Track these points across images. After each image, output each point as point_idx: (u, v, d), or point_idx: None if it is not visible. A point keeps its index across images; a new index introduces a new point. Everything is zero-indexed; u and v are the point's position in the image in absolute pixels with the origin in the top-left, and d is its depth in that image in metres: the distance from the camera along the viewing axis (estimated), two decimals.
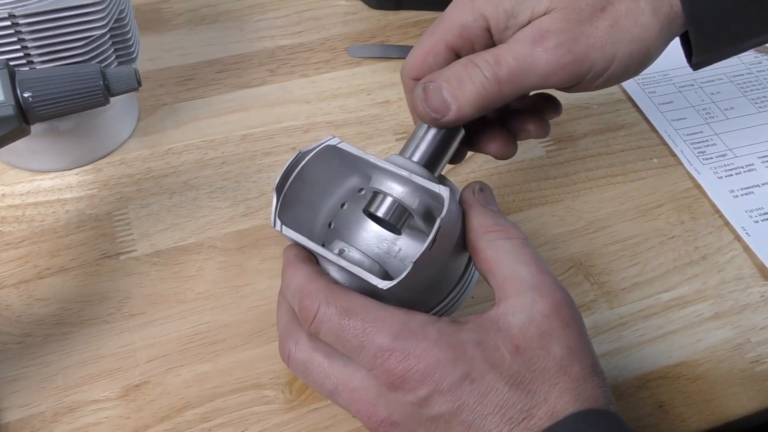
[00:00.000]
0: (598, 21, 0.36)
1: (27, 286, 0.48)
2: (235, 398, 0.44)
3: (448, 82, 0.37)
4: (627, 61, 0.37)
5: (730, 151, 0.60)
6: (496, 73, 0.36)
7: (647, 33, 0.37)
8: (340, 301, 0.34)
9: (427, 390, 0.32)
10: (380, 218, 0.38)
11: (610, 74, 0.38)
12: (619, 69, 0.37)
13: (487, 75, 0.36)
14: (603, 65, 0.37)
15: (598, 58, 0.37)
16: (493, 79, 0.36)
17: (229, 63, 0.65)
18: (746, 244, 0.53)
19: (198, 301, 0.48)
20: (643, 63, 0.38)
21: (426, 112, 0.38)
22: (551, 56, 0.36)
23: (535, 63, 0.36)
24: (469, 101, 0.37)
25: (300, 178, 0.39)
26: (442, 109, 0.37)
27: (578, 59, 0.36)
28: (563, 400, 0.32)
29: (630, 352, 0.47)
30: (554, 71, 0.36)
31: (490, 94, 0.37)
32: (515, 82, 0.37)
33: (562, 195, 0.56)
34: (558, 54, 0.36)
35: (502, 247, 0.36)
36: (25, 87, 0.37)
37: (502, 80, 0.36)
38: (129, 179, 0.55)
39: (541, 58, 0.36)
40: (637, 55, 0.37)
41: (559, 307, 0.34)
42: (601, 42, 0.36)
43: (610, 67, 0.37)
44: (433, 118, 0.38)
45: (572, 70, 0.37)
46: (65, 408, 0.43)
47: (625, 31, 0.37)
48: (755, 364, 0.47)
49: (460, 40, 0.40)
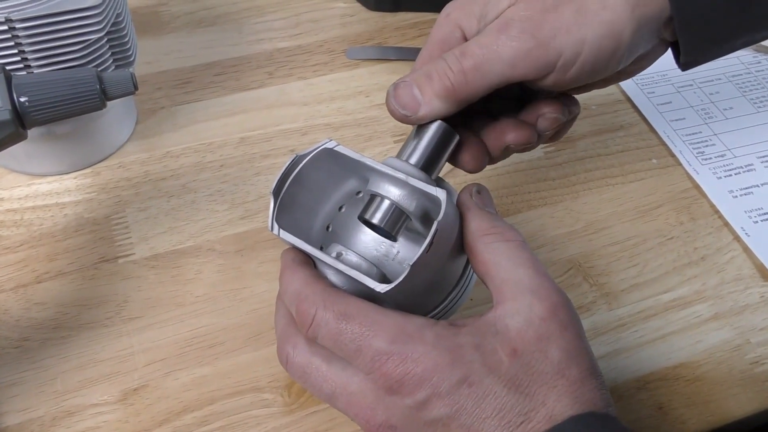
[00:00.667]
0: (563, 7, 0.36)
1: (25, 290, 0.48)
2: (234, 401, 0.44)
3: (416, 80, 0.37)
4: (598, 45, 0.36)
5: (729, 152, 0.59)
6: (461, 63, 0.36)
7: (616, 16, 0.36)
8: (337, 305, 0.34)
9: (425, 393, 0.32)
10: (375, 225, 0.38)
11: (584, 61, 0.37)
12: (591, 54, 0.36)
13: (452, 67, 0.36)
14: (573, 50, 0.36)
15: (567, 43, 0.36)
16: (458, 70, 0.36)
17: (227, 66, 0.65)
18: (746, 244, 0.53)
19: (196, 304, 0.48)
20: (617, 49, 0.37)
21: (396, 109, 0.38)
22: (515, 42, 0.36)
23: (499, 50, 0.36)
24: (437, 94, 0.37)
25: (297, 182, 0.38)
26: (411, 105, 0.38)
27: (543, 44, 0.36)
28: (561, 403, 0.32)
29: (629, 353, 0.47)
30: (520, 57, 0.36)
31: (457, 85, 0.37)
32: (481, 72, 0.36)
33: (560, 196, 0.56)
34: (522, 40, 0.36)
35: (500, 250, 0.36)
36: (21, 91, 0.37)
37: (467, 70, 0.36)
38: (127, 183, 0.55)
39: (505, 45, 0.36)
40: (608, 40, 0.36)
41: (556, 309, 0.34)
42: (567, 26, 0.36)
43: (582, 52, 0.36)
44: (403, 114, 0.38)
45: (539, 56, 0.36)
46: (64, 412, 0.43)
47: (592, 14, 0.36)
48: (755, 365, 0.47)
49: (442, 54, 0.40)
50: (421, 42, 0.68)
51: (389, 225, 0.38)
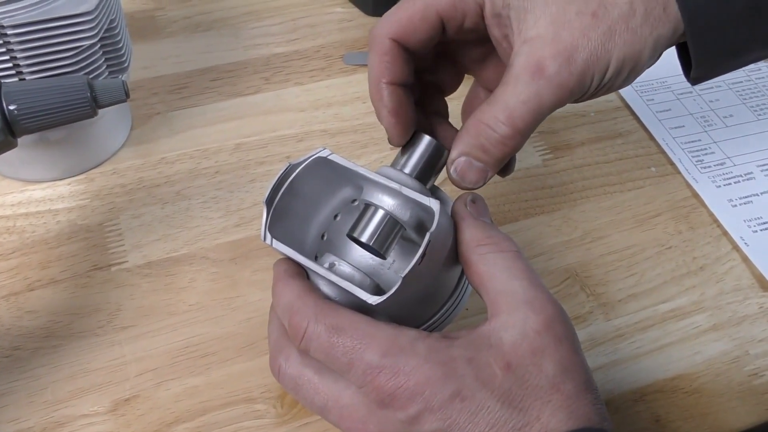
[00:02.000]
0: (590, 31, 0.36)
1: (17, 299, 0.48)
2: (226, 412, 0.43)
3: (473, 154, 0.38)
4: (621, 66, 0.37)
5: (729, 160, 0.59)
6: (512, 129, 0.37)
7: (637, 37, 0.36)
8: (329, 318, 0.34)
9: (417, 408, 0.32)
10: (364, 243, 0.37)
11: (605, 83, 0.37)
12: (613, 75, 0.37)
13: (504, 135, 0.37)
14: (600, 75, 0.37)
15: (597, 70, 0.36)
16: (512, 135, 0.37)
17: (224, 71, 0.64)
18: (745, 254, 0.52)
19: (189, 313, 0.48)
20: (635, 68, 0.37)
21: (467, 186, 0.38)
22: (555, 84, 0.36)
23: (542, 98, 0.36)
24: (498, 162, 0.38)
25: (291, 191, 0.38)
26: (482, 176, 0.38)
27: (581, 76, 0.36)
28: (556, 418, 0.31)
29: (626, 364, 0.47)
30: (562, 96, 0.36)
31: (515, 145, 0.37)
32: (531, 123, 0.37)
33: (558, 204, 0.56)
34: (561, 79, 0.36)
35: (494, 261, 0.35)
36: (10, 99, 0.37)
37: (521, 130, 0.37)
38: (121, 189, 0.55)
39: (546, 90, 0.36)
40: (630, 61, 0.37)
41: (552, 323, 0.33)
42: (597, 53, 0.36)
43: (606, 75, 0.37)
44: (476, 187, 0.39)
45: (578, 88, 0.37)
46: (54, 423, 0.43)
47: (618, 36, 0.36)
48: (753, 377, 0.46)
49: (452, 11, 0.38)
50: None
51: (379, 242, 0.37)
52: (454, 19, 0.39)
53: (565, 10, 0.36)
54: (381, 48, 0.38)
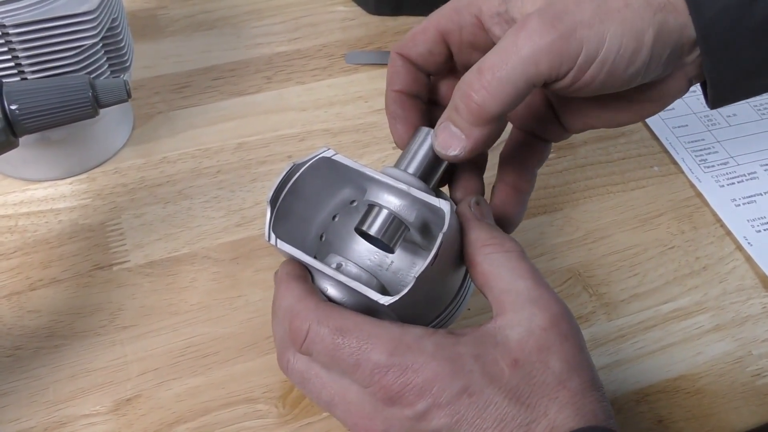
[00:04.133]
0: (584, 3, 0.34)
1: (19, 298, 0.48)
2: (228, 412, 0.43)
3: (449, 117, 0.36)
4: (619, 43, 0.34)
5: (732, 159, 0.59)
6: (480, 80, 0.34)
7: (638, 16, 0.34)
8: (332, 321, 0.34)
9: (425, 404, 0.32)
10: (372, 236, 0.37)
11: (604, 58, 0.34)
12: (612, 52, 0.34)
13: (473, 86, 0.35)
14: (594, 45, 0.34)
15: (588, 37, 0.34)
16: (479, 87, 0.35)
17: (226, 70, 0.64)
18: (748, 254, 0.52)
19: (191, 313, 0.48)
20: (637, 50, 0.35)
21: (443, 153, 0.37)
22: (535, 36, 0.34)
23: (519, 49, 0.34)
24: (470, 121, 0.35)
25: (294, 191, 0.38)
26: (455, 143, 0.36)
27: (564, 35, 0.34)
28: (563, 414, 0.31)
29: (629, 365, 0.46)
30: (542, 51, 0.34)
31: (483, 102, 0.35)
32: (503, 78, 0.34)
33: (560, 204, 0.55)
34: (542, 32, 0.34)
35: (499, 261, 0.35)
36: (12, 99, 0.37)
37: (488, 83, 0.34)
38: (123, 188, 0.55)
39: (525, 42, 0.34)
40: (629, 39, 0.34)
41: (557, 320, 0.33)
42: (588, 20, 0.34)
43: (603, 49, 0.34)
44: (452, 156, 0.36)
45: (560, 49, 0.34)
46: (56, 423, 0.43)
47: (615, 11, 0.34)
48: (756, 377, 0.46)
49: (449, 23, 0.40)
50: None
51: (388, 236, 0.37)
52: (452, 33, 0.40)
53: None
54: (391, 61, 0.42)
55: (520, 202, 0.42)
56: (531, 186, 0.43)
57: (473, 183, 0.42)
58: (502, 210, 0.42)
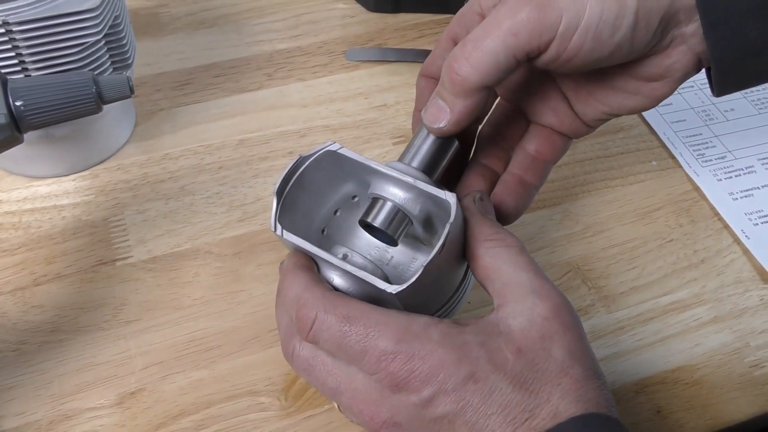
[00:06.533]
0: None
1: (23, 293, 0.48)
2: (231, 405, 0.44)
3: (437, 92, 0.37)
4: (600, 8, 0.34)
5: (730, 153, 0.59)
6: (463, 51, 0.35)
7: None
8: (339, 309, 0.34)
9: (431, 391, 0.32)
10: (377, 228, 0.38)
11: (586, 26, 0.35)
12: (594, 19, 0.34)
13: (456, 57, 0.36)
14: (574, 13, 0.34)
15: (567, 5, 0.34)
16: (461, 57, 0.35)
17: (227, 67, 0.64)
18: (745, 247, 0.53)
19: (194, 307, 0.48)
20: (620, 15, 0.35)
21: (431, 127, 0.38)
22: (513, 9, 0.35)
23: (499, 23, 0.35)
24: (453, 93, 0.36)
25: (299, 184, 0.38)
26: (440, 116, 0.37)
27: (542, 5, 0.34)
28: (565, 400, 0.32)
29: (628, 356, 0.47)
30: (520, 23, 0.34)
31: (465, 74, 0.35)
32: (483, 50, 0.35)
33: (560, 198, 0.56)
34: (519, 4, 0.35)
35: (500, 255, 0.36)
36: (17, 95, 0.37)
37: (470, 54, 0.35)
38: (125, 185, 0.55)
39: (504, 15, 0.35)
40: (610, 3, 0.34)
41: (558, 310, 0.34)
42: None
43: (583, 16, 0.34)
44: (438, 128, 0.38)
45: (539, 19, 0.34)
46: (61, 416, 0.43)
47: None
48: (754, 368, 0.47)
49: (458, 28, 0.41)
50: (421, 43, 0.68)
51: (392, 228, 0.38)
52: (461, 35, 0.40)
53: None
54: (417, 84, 0.44)
55: (524, 195, 0.43)
56: (540, 181, 0.44)
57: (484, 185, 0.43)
58: (502, 199, 0.42)
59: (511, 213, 0.42)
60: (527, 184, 0.43)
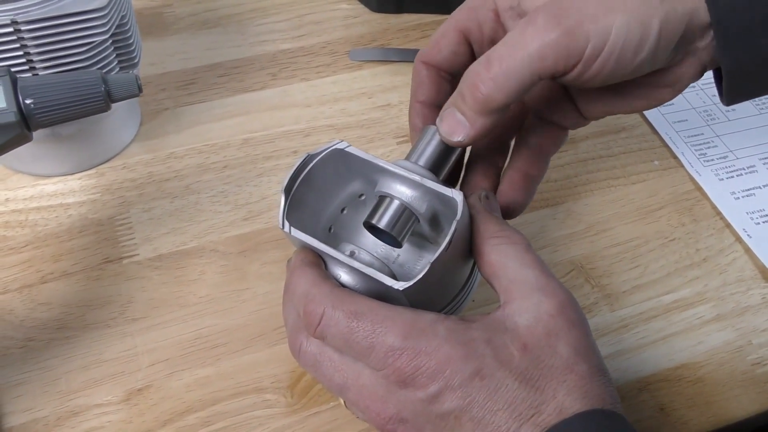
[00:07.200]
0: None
1: (30, 291, 0.49)
2: (237, 402, 0.44)
3: (454, 103, 0.37)
4: (625, 33, 0.35)
5: (732, 153, 0.60)
6: (489, 71, 0.36)
7: (643, 4, 0.35)
8: (346, 305, 0.34)
9: (437, 387, 0.33)
10: (381, 230, 0.38)
11: (610, 50, 0.35)
12: (618, 43, 0.35)
13: (481, 76, 0.36)
14: (600, 38, 0.35)
15: (594, 30, 0.35)
16: (487, 78, 0.36)
17: (231, 67, 0.65)
18: (747, 245, 0.53)
19: (199, 305, 0.48)
20: (644, 39, 0.35)
21: (447, 139, 0.38)
22: (542, 32, 0.35)
23: (526, 45, 0.35)
24: (475, 110, 0.37)
25: (306, 182, 0.39)
26: (459, 130, 0.37)
27: (570, 31, 0.35)
28: (571, 397, 0.32)
29: (631, 354, 0.47)
30: (548, 47, 0.35)
31: (489, 93, 0.36)
32: (510, 72, 0.35)
33: (562, 197, 0.56)
34: (549, 29, 0.35)
35: (507, 252, 0.36)
36: (26, 94, 0.37)
37: (496, 75, 0.35)
38: (131, 183, 0.55)
39: (532, 36, 0.35)
40: (635, 28, 0.35)
41: (564, 307, 0.34)
42: (594, 13, 0.35)
43: (608, 41, 0.35)
44: (456, 141, 0.38)
45: (567, 44, 0.35)
46: (68, 412, 0.43)
47: (620, 2, 0.35)
48: (756, 366, 0.47)
49: (469, 22, 0.41)
50: (423, 44, 0.68)
51: (397, 230, 0.38)
52: (473, 31, 0.40)
53: None
54: (415, 71, 0.43)
55: (530, 188, 0.43)
56: (542, 172, 0.44)
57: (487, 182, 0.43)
58: (510, 195, 0.43)
59: (518, 208, 0.43)
60: (532, 177, 0.43)
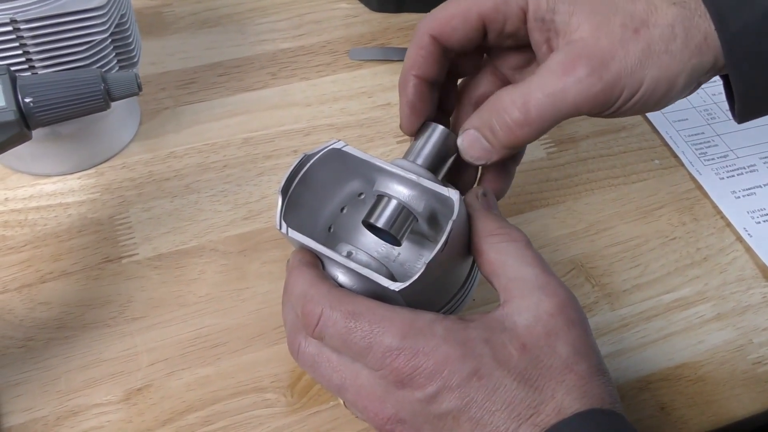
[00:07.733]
0: (630, 44, 0.36)
1: (29, 290, 0.49)
2: (237, 401, 0.44)
3: (481, 130, 0.39)
4: (654, 87, 0.37)
5: (732, 152, 0.60)
6: (525, 116, 0.37)
7: (675, 62, 0.36)
8: (344, 305, 0.34)
9: (435, 387, 0.32)
10: (380, 229, 0.38)
11: (636, 100, 0.37)
12: (645, 95, 0.37)
13: (515, 120, 0.37)
14: (631, 91, 0.37)
15: (628, 84, 0.36)
16: (523, 123, 0.37)
17: (231, 66, 0.65)
18: (748, 245, 0.53)
19: (199, 304, 0.48)
20: (668, 92, 0.37)
21: (470, 160, 0.40)
22: (583, 86, 0.36)
23: (566, 95, 0.36)
24: (504, 145, 0.38)
25: (303, 182, 0.39)
26: (485, 156, 0.39)
27: (609, 86, 0.36)
28: (570, 397, 0.32)
29: (631, 353, 0.47)
30: (586, 101, 0.36)
31: (523, 136, 0.38)
32: (545, 119, 0.37)
33: (563, 197, 0.56)
34: (590, 83, 0.36)
35: (506, 250, 0.36)
36: (26, 92, 0.37)
37: (533, 121, 0.37)
38: (131, 183, 0.55)
39: (572, 89, 0.36)
40: (664, 83, 0.37)
41: (564, 306, 0.34)
42: (632, 67, 0.36)
43: (637, 93, 0.37)
44: (478, 164, 0.40)
45: (603, 98, 0.36)
46: (68, 412, 0.43)
47: (655, 56, 0.36)
48: (757, 365, 0.47)
49: (494, 13, 0.39)
50: None
51: (395, 228, 0.38)
52: (495, 22, 0.40)
53: (610, 21, 0.36)
54: (419, 42, 0.41)
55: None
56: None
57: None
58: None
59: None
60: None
